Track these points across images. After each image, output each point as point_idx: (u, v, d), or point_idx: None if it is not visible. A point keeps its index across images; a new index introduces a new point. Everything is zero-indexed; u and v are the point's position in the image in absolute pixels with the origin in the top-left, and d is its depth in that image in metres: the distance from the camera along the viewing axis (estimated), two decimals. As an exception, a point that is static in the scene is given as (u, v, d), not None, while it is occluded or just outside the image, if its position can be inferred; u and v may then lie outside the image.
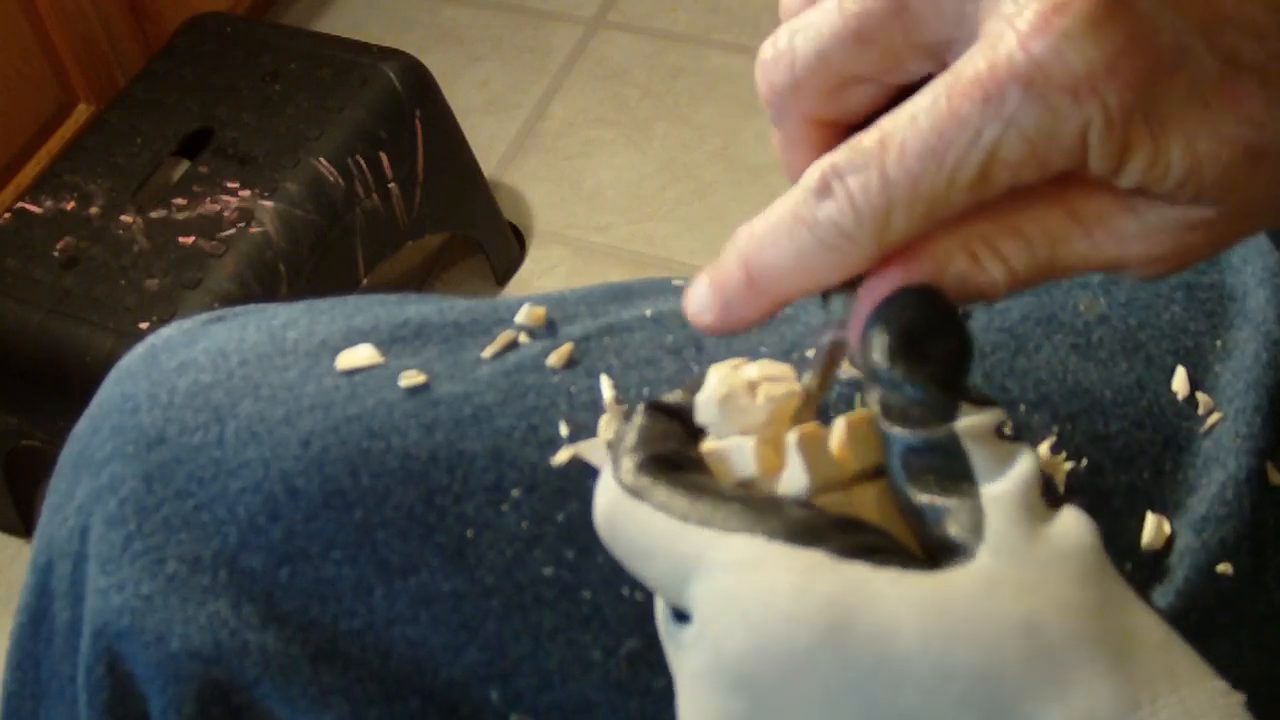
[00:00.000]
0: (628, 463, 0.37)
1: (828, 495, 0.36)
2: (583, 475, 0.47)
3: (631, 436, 0.38)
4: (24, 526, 1.48)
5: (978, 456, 0.34)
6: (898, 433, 0.35)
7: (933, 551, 0.34)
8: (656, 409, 0.39)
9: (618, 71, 1.89)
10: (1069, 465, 0.50)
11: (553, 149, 1.80)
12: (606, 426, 0.48)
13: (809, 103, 0.37)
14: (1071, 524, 0.33)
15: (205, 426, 0.48)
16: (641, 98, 1.85)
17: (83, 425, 0.52)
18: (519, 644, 0.46)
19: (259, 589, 0.47)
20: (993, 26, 0.33)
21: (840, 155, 0.35)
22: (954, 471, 0.34)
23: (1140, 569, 0.49)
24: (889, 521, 0.36)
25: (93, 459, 0.50)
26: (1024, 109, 0.33)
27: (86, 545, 0.49)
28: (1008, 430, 0.35)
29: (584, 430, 0.48)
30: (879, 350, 0.35)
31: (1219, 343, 0.52)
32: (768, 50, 0.37)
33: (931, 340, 0.35)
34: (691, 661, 0.34)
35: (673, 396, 0.40)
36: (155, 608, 0.47)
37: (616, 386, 0.50)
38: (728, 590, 0.33)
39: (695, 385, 0.39)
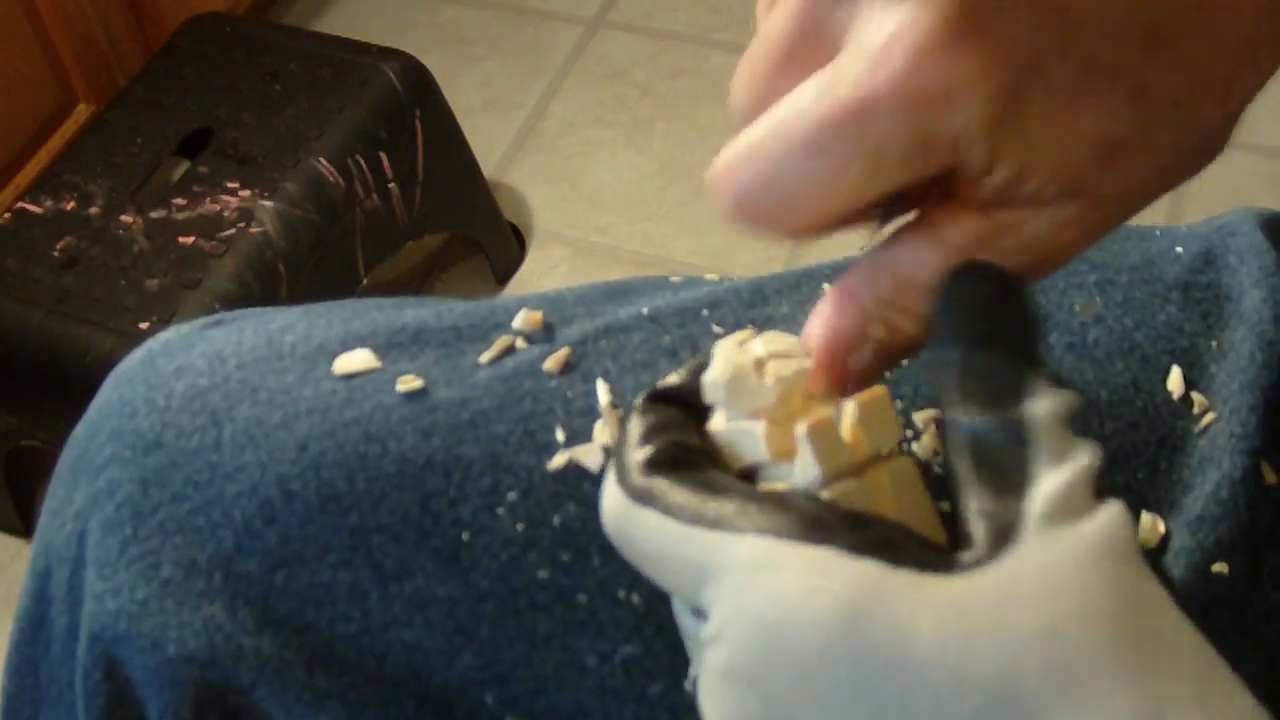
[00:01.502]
0: (631, 465, 0.37)
1: (840, 483, 0.35)
2: (579, 479, 0.47)
3: (633, 435, 0.38)
4: (24, 527, 1.48)
5: (1040, 448, 0.34)
6: (965, 417, 0.35)
7: (963, 539, 0.34)
8: (655, 399, 0.39)
9: (618, 71, 1.89)
10: None
11: (553, 149, 1.80)
12: (602, 431, 0.48)
13: None
14: (1109, 523, 0.33)
15: (202, 430, 0.49)
16: (641, 98, 1.86)
17: (80, 430, 0.52)
18: (513, 648, 0.46)
19: (254, 593, 0.47)
20: (864, 32, 0.34)
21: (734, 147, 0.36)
22: (1011, 462, 0.34)
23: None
24: (905, 506, 0.36)
25: (90, 464, 0.50)
26: (894, 124, 0.34)
27: (84, 550, 0.49)
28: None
29: (580, 435, 0.48)
30: (951, 323, 0.35)
31: (1214, 343, 0.52)
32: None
33: (1003, 311, 0.35)
34: (709, 659, 0.34)
35: (674, 378, 0.40)
36: (151, 612, 0.47)
37: (613, 391, 0.50)
38: (740, 592, 0.33)
39: (700, 364, 0.40)
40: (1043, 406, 0.34)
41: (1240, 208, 0.58)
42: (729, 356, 0.38)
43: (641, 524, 0.36)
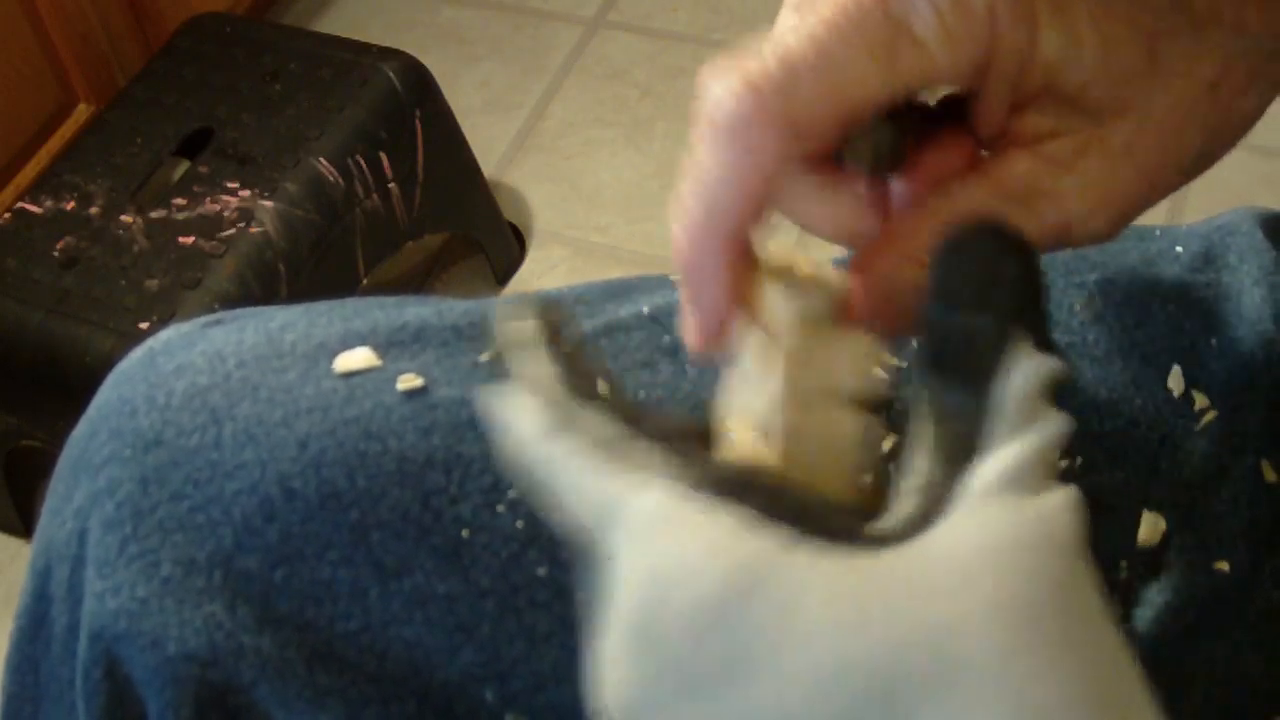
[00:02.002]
0: (542, 399, 0.35)
1: (802, 403, 0.34)
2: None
3: (541, 370, 0.35)
4: (24, 527, 1.48)
5: (1002, 418, 0.32)
6: (933, 379, 0.33)
7: (896, 508, 0.33)
8: (553, 349, 0.36)
9: (618, 71, 1.89)
10: (1064, 464, 0.50)
11: (553, 149, 1.80)
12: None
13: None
14: (1053, 508, 0.31)
15: (202, 429, 0.49)
16: (641, 98, 1.86)
17: (81, 429, 0.52)
18: (513, 645, 0.46)
19: (255, 590, 0.47)
20: None
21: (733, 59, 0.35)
22: (971, 431, 0.32)
23: (1136, 567, 0.49)
24: (845, 461, 0.34)
25: (90, 462, 0.50)
26: None
27: (84, 549, 0.49)
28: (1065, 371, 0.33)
29: (580, 432, 0.48)
30: (937, 281, 0.34)
31: (1214, 341, 0.52)
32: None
33: (996, 271, 0.34)
34: (607, 615, 0.33)
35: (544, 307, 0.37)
36: (151, 610, 0.47)
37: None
38: (640, 542, 0.32)
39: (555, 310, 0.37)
40: (1017, 374, 0.33)
41: (1240, 207, 0.58)
42: (786, 251, 0.37)
43: (551, 457, 0.34)
